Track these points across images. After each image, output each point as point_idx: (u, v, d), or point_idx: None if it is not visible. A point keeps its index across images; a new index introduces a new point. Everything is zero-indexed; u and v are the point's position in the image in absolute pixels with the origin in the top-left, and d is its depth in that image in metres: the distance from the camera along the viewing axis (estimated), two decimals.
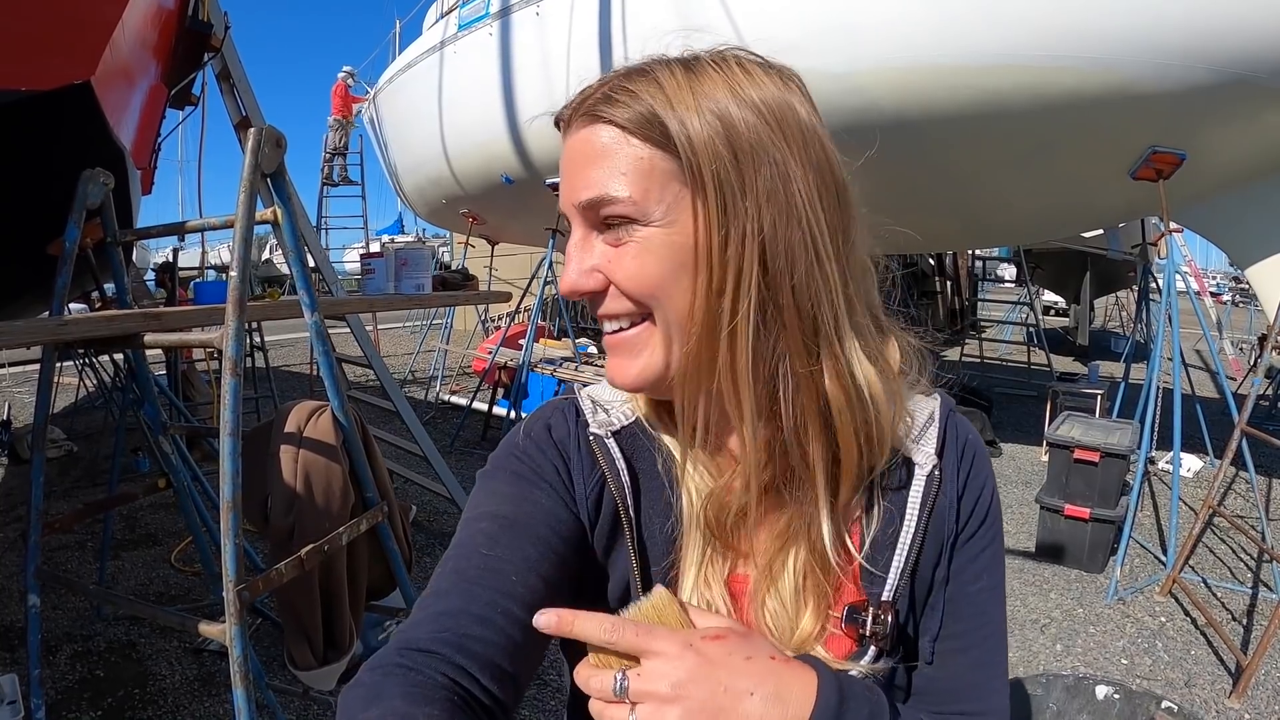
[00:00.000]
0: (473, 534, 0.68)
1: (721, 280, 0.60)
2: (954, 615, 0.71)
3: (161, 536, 4.85)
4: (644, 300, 0.64)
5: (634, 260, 0.62)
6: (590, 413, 0.76)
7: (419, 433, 5.00)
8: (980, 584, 0.72)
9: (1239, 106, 4.28)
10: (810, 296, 0.62)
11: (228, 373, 1.66)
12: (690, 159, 0.59)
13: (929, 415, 0.74)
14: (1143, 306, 7.69)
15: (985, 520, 0.73)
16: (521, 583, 0.63)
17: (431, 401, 9.40)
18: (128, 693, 3.13)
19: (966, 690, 0.71)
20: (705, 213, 0.60)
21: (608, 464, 0.72)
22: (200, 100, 4.53)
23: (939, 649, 0.71)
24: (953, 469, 0.72)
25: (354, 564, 2.07)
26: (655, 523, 0.72)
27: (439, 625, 0.60)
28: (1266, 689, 3.32)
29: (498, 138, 6.57)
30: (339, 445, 1.94)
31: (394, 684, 0.55)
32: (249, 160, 1.71)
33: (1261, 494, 5.78)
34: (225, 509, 1.64)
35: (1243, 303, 21.65)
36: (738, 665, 0.53)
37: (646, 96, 0.61)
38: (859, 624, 0.67)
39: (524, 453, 0.74)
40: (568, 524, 0.70)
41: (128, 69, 3.28)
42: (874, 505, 0.70)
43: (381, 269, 2.79)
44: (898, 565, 0.69)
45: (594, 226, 0.65)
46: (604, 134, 0.62)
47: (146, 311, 2.08)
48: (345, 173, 12.35)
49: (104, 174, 2.28)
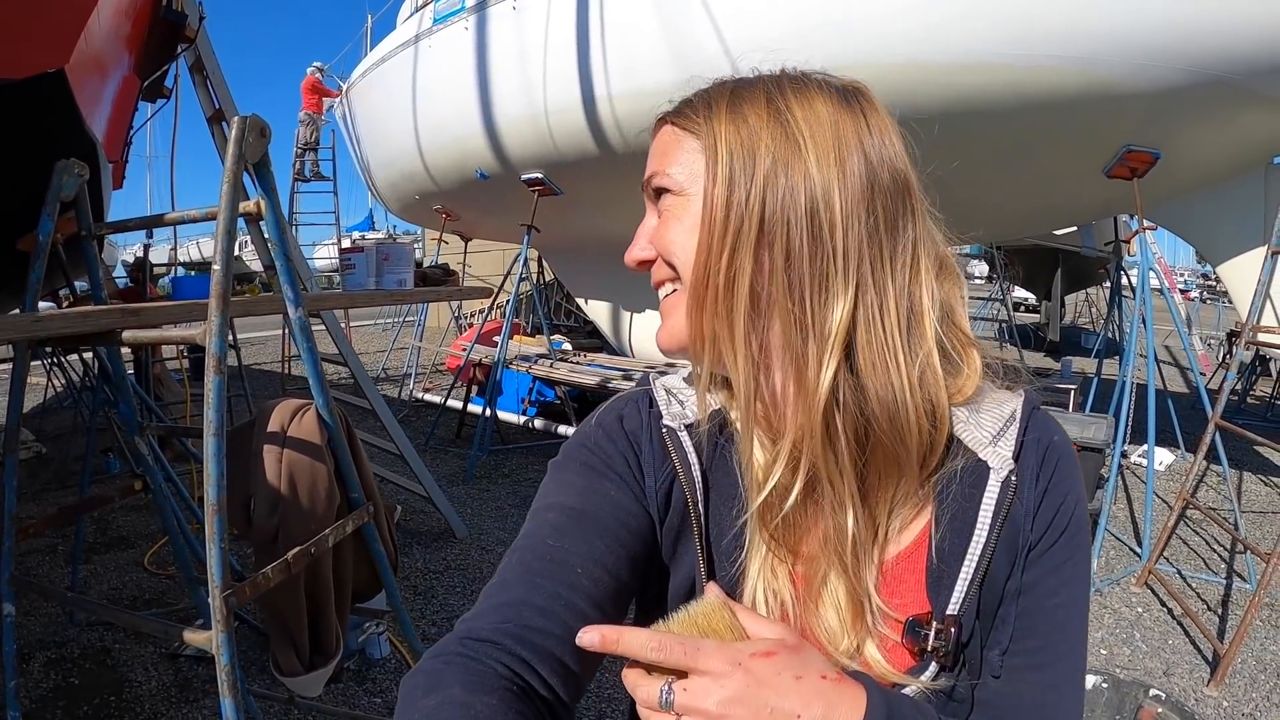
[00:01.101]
0: (540, 524, 0.69)
1: (723, 237, 0.64)
2: (1028, 630, 0.67)
3: (134, 539, 4.76)
4: (670, 259, 0.69)
5: (667, 225, 0.70)
6: (664, 404, 0.76)
7: (395, 431, 4.94)
8: (1058, 599, 0.67)
9: (1214, 107, 4.34)
10: (803, 262, 0.63)
11: (212, 370, 1.60)
12: (708, 137, 0.66)
13: (1009, 415, 0.70)
14: (1114, 303, 7.80)
15: (1067, 530, 0.68)
16: (586, 575, 0.64)
17: (405, 399, 9.32)
18: (103, 700, 3.06)
19: (1035, 710, 0.66)
20: (714, 179, 0.65)
21: (679, 457, 0.71)
22: (173, 93, 4.42)
23: (1008, 664, 0.67)
24: (1032, 474, 0.68)
25: (339, 566, 2.02)
26: (725, 519, 0.71)
27: (501, 616, 0.61)
28: (1244, 677, 3.38)
29: (473, 133, 6.50)
30: (324, 444, 1.89)
31: (454, 672, 0.56)
32: (233, 150, 1.66)
33: (1234, 486, 5.88)
34: (210, 512, 1.59)
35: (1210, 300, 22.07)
36: (786, 685, 0.53)
37: (697, 101, 0.70)
38: (920, 638, 0.65)
39: (595, 443, 0.75)
40: (636, 517, 0.70)
41: (101, 59, 3.20)
42: (944, 513, 0.67)
43: (362, 264, 2.74)
44: (965, 577, 0.66)
45: (652, 202, 0.73)
46: (666, 132, 0.72)
47: (125, 307, 2.02)
48: (317, 168, 12.19)
49: (79, 165, 2.22)
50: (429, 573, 4.36)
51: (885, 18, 4.21)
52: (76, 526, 3.98)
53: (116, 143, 3.86)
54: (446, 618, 3.83)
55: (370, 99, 8.48)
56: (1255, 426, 7.64)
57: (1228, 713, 3.11)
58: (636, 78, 5.14)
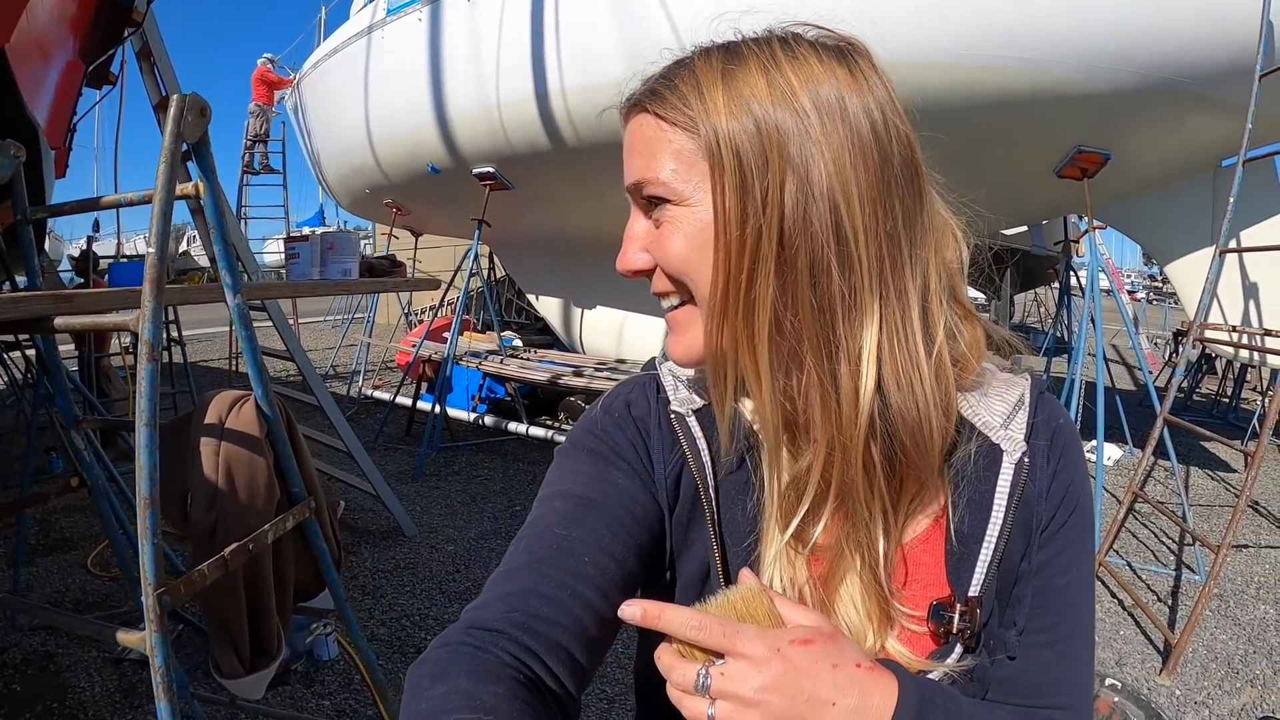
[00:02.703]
0: (547, 513, 0.68)
1: (740, 258, 0.61)
2: (1042, 608, 0.68)
3: (77, 540, 4.62)
4: (680, 278, 0.66)
5: (669, 239, 0.65)
6: (671, 389, 0.75)
7: (342, 427, 4.86)
8: (1070, 576, 0.69)
9: (1164, 109, 4.43)
10: (831, 281, 0.60)
11: (144, 358, 1.54)
12: (710, 138, 0.60)
13: (1018, 399, 0.71)
14: (1063, 302, 7.95)
15: (1076, 509, 0.70)
16: (594, 564, 0.64)
17: (354, 397, 9.17)
18: (46, 706, 2.96)
19: (1054, 684, 0.68)
20: (723, 190, 0.61)
21: (688, 442, 0.71)
22: (119, 79, 4.29)
23: (1025, 641, 0.68)
24: (1043, 455, 0.69)
25: (280, 564, 1.96)
26: (736, 503, 0.71)
27: (508, 605, 0.61)
28: (1195, 666, 3.46)
29: (425, 126, 6.43)
30: (263, 437, 1.83)
31: (460, 661, 0.56)
32: (170, 129, 1.60)
33: (1182, 480, 6.03)
34: (142, 506, 1.53)
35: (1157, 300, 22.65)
36: (823, 673, 0.53)
37: (683, 86, 0.63)
38: (944, 621, 0.66)
39: (603, 430, 0.74)
40: (644, 505, 0.70)
41: (44, 42, 3.09)
42: (960, 497, 0.68)
43: (306, 254, 2.67)
44: (984, 559, 0.67)
45: (643, 209, 0.68)
46: (647, 124, 0.65)
47: (58, 293, 1.93)
48: (266, 160, 12.00)
49: (14, 145, 2.12)
50: (378, 572, 4.29)
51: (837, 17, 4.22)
52: (17, 528, 3.85)
53: (59, 129, 3.74)
54: (395, 617, 3.76)
55: (322, 90, 8.34)
56: (1201, 422, 7.87)
57: (1180, 700, 3.18)
58: (590, 71, 5.12)
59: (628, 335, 7.80)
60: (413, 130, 6.65)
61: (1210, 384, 10.48)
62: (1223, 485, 6.35)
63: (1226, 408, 9.19)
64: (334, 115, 8.13)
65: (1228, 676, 3.37)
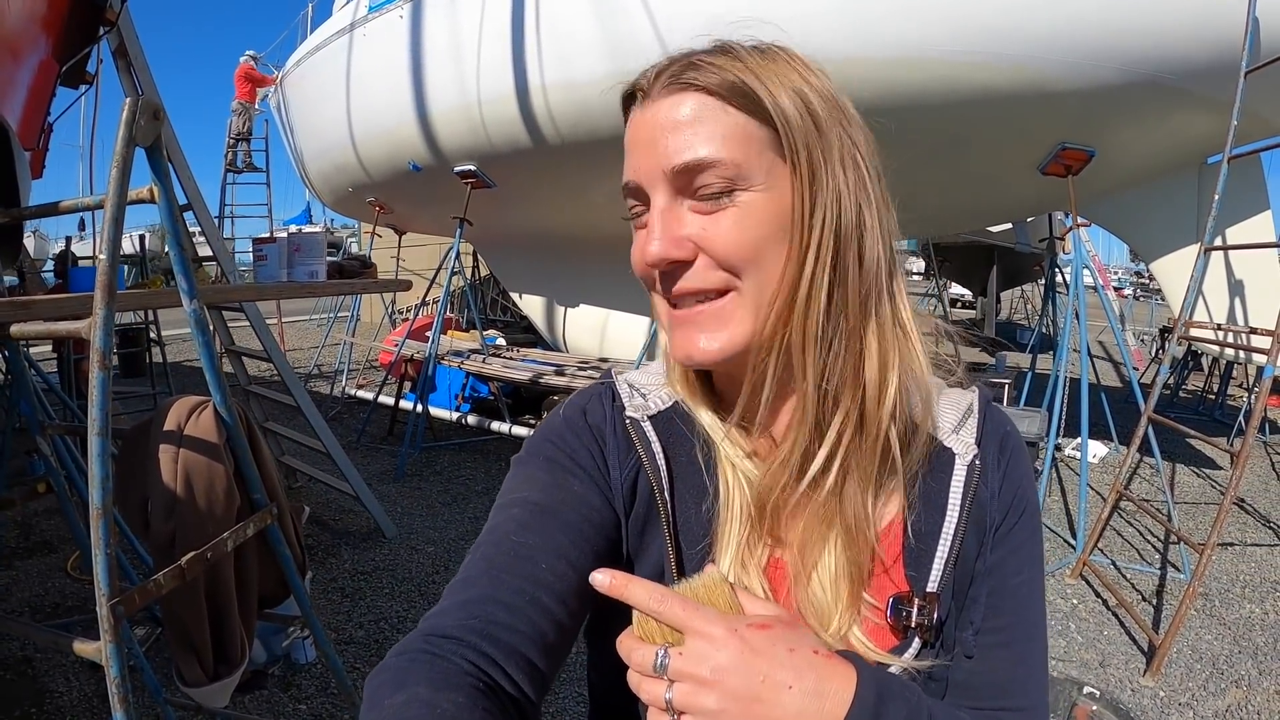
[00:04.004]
0: (504, 520, 0.68)
1: (807, 245, 0.62)
2: (996, 609, 0.70)
3: (58, 544, 4.58)
4: (739, 267, 0.63)
5: (735, 226, 0.62)
6: (627, 396, 0.76)
7: (321, 428, 4.84)
8: (1022, 577, 0.71)
9: (1148, 106, 4.43)
10: (870, 267, 0.64)
11: (96, 365, 1.51)
12: (784, 126, 0.61)
13: (968, 406, 0.75)
14: (1049, 299, 7.96)
15: (1026, 511, 0.72)
16: (551, 571, 0.64)
17: (338, 396, 9.14)
18: (24, 712, 2.95)
19: (1009, 685, 0.69)
20: (798, 179, 0.62)
21: (644, 447, 0.72)
22: (95, 78, 4.25)
23: (980, 642, 0.70)
24: (994, 459, 0.73)
25: (243, 571, 1.93)
26: (690, 507, 0.72)
27: (466, 612, 0.61)
28: (1179, 666, 3.44)
29: (406, 124, 6.42)
30: (222, 444, 1.80)
31: (419, 670, 0.56)
32: (122, 133, 1.57)
33: (1167, 478, 6.03)
34: (95, 516, 1.50)
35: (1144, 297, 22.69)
36: (780, 656, 0.53)
37: (734, 68, 0.62)
38: (903, 616, 0.66)
39: (559, 438, 0.74)
40: (601, 511, 0.70)
41: (13, 42, 3.05)
42: (916, 496, 0.70)
43: (274, 255, 2.65)
44: (942, 555, 0.69)
45: (683, 194, 0.64)
46: (695, 101, 0.62)
47: (14, 300, 1.91)
48: (249, 159, 11.93)
49: None
50: (357, 574, 4.27)
51: (819, 13, 4.21)
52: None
53: (32, 130, 3.69)
54: (375, 620, 3.74)
55: (304, 88, 8.33)
56: (1188, 420, 7.88)
57: (1164, 702, 3.16)
58: (570, 68, 5.10)
59: (610, 333, 7.80)
60: (394, 127, 6.65)
61: (1197, 381, 10.50)
62: (1209, 483, 6.35)
63: (1213, 405, 9.20)
64: (316, 113, 8.11)
65: (1212, 677, 3.36)
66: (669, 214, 0.64)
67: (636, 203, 0.67)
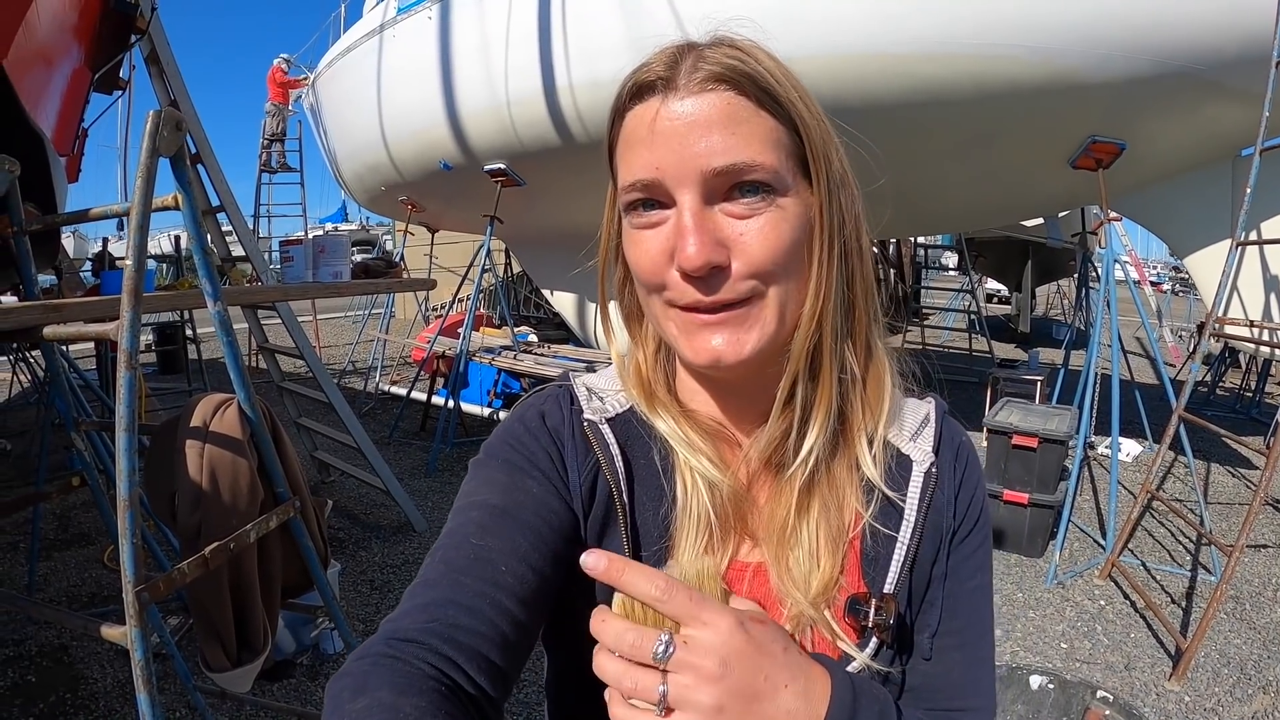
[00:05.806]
0: (463, 523, 0.68)
1: (830, 249, 0.65)
2: (951, 612, 0.72)
3: (94, 536, 4.73)
4: (772, 270, 0.62)
5: (772, 230, 0.62)
6: (585, 399, 0.77)
7: (352, 424, 4.94)
8: (975, 581, 0.73)
9: (1179, 98, 4.35)
10: (864, 269, 0.69)
11: (123, 365, 1.58)
12: (806, 135, 0.63)
13: (924, 416, 0.76)
14: (1082, 294, 7.83)
15: (979, 519, 0.75)
16: (511, 573, 0.64)
17: (371, 392, 9.26)
18: (59, 698, 3.06)
19: (963, 686, 0.71)
20: (819, 187, 0.64)
21: (601, 450, 0.72)
22: (128, 84, 4.37)
23: (937, 645, 0.71)
24: (949, 467, 0.74)
25: (267, 562, 2.00)
26: (649, 509, 0.72)
27: (427, 615, 0.60)
28: (1206, 671, 3.37)
29: (436, 124, 6.48)
30: (246, 440, 1.86)
31: (381, 674, 0.56)
32: (146, 144, 1.63)
33: (1199, 478, 5.91)
34: (121, 508, 1.57)
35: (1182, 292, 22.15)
36: (777, 655, 0.52)
37: (764, 72, 0.61)
38: (861, 615, 0.67)
39: (518, 440, 0.74)
40: (559, 513, 0.70)
41: (47, 51, 3.15)
42: (874, 500, 0.71)
43: (300, 257, 2.72)
44: (898, 558, 0.69)
45: (717, 196, 0.62)
46: (732, 100, 0.61)
47: (47, 304, 1.98)
48: (284, 159, 12.09)
49: (9, 161, 2.17)
50: (386, 567, 4.34)
51: (844, 8, 4.20)
52: (33, 523, 3.95)
53: (67, 136, 3.81)
54: None
55: (336, 89, 8.43)
56: (1224, 418, 7.72)
57: (1189, 707, 3.10)
58: (596, 67, 5.13)
59: None
60: (425, 128, 6.71)
61: (1234, 378, 10.25)
62: (1244, 482, 6.18)
63: (1250, 403, 8.98)
64: (348, 114, 8.21)
65: (1240, 683, 3.28)
66: (705, 216, 0.61)
67: (648, 199, 0.64)
